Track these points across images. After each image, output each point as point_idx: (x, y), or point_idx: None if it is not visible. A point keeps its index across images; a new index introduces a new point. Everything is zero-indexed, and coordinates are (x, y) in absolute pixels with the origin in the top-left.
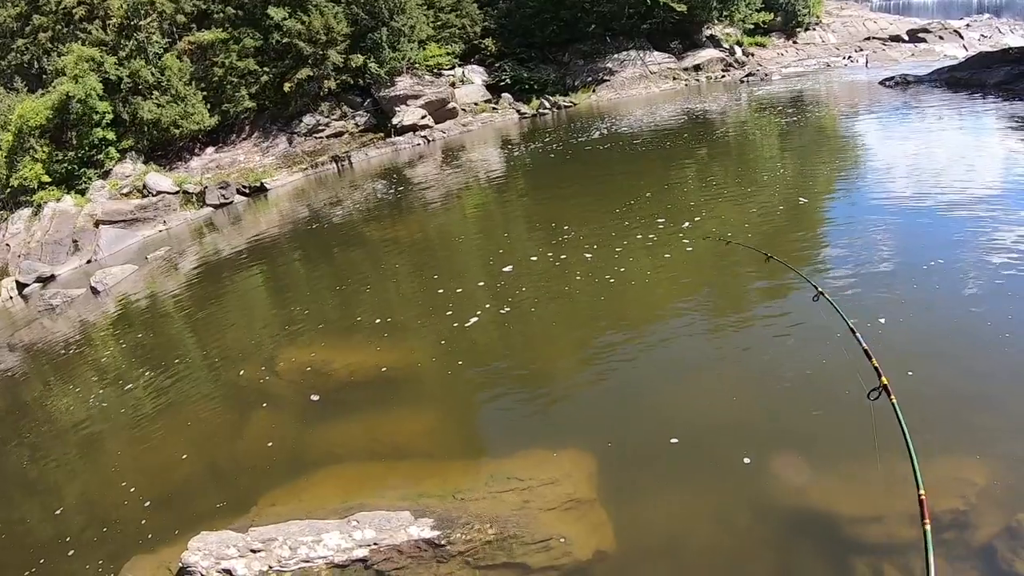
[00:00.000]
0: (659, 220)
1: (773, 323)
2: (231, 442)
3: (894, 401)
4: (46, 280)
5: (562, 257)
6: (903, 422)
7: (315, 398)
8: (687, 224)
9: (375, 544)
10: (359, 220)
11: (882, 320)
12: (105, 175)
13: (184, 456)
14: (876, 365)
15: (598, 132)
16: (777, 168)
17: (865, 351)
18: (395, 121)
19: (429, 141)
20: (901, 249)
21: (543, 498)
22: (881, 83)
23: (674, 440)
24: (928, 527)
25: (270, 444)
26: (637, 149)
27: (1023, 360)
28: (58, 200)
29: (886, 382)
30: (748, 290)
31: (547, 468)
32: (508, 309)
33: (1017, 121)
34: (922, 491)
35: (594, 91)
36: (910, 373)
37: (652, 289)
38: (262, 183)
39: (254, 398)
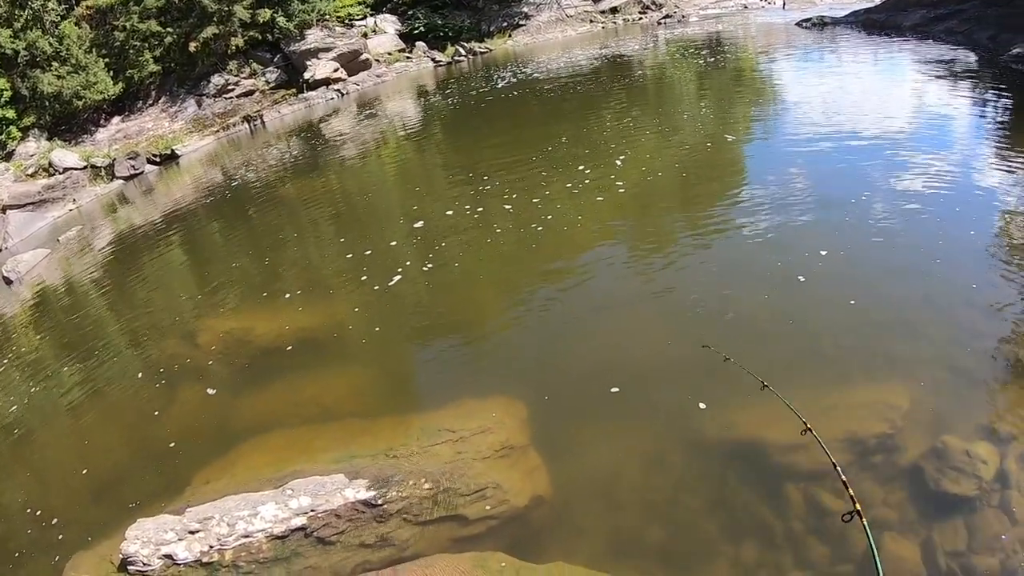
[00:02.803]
0: (580, 166)
1: (706, 264)
2: (159, 422)
3: None
4: None
5: (479, 210)
6: None
7: (211, 392)
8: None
9: (312, 511)
10: (274, 181)
11: (823, 253)
12: (8, 157)
13: (113, 443)
14: None
15: (515, 78)
16: (698, 109)
17: None
18: (307, 76)
19: (343, 94)
20: (830, 184)
21: (476, 448)
22: (798, 24)
23: (615, 389)
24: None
25: (198, 419)
26: (555, 94)
27: (954, 286)
28: None
29: None
30: (679, 232)
31: (478, 417)
32: (431, 266)
33: (930, 63)
34: None
35: (510, 36)
36: (852, 303)
37: (579, 235)
38: (173, 150)
39: (178, 374)
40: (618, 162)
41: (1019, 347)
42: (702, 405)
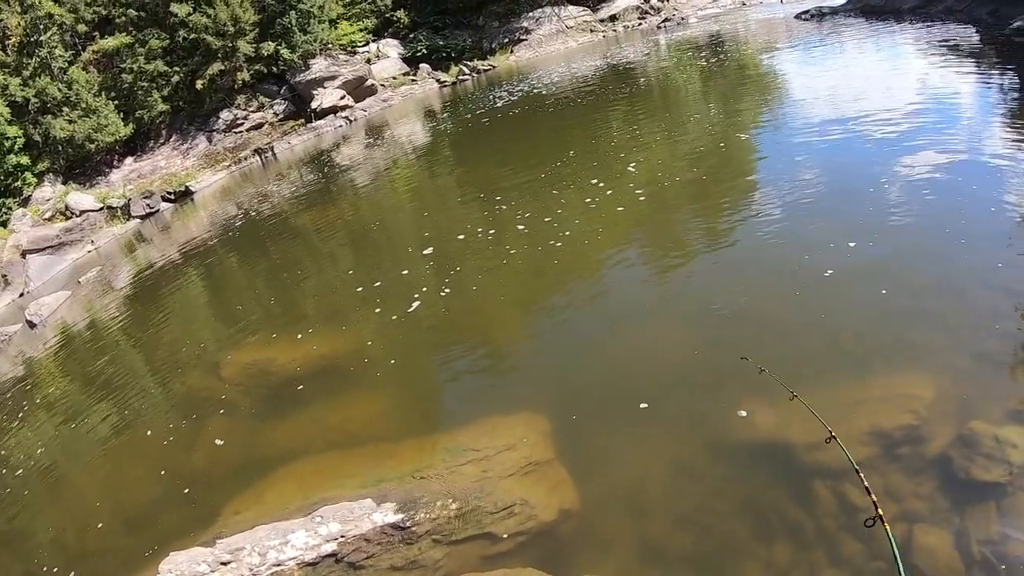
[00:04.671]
0: (593, 179)
1: (732, 266)
2: (187, 456)
3: None
4: None
5: (492, 232)
6: None
7: (219, 442)
8: (631, 170)
9: (342, 537)
10: (288, 212)
11: (852, 244)
12: (25, 202)
13: (143, 479)
14: None
15: (519, 93)
16: (707, 110)
17: None
18: (314, 105)
19: (351, 121)
20: (848, 174)
21: (501, 465)
22: (796, 17)
23: (644, 405)
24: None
25: (225, 452)
26: (561, 107)
27: (981, 267)
28: None
29: None
30: (702, 235)
31: (502, 435)
32: (448, 290)
33: (933, 44)
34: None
35: (512, 51)
36: (883, 292)
37: (599, 248)
38: (187, 187)
39: (204, 408)
40: (631, 169)
41: None
42: (742, 413)
